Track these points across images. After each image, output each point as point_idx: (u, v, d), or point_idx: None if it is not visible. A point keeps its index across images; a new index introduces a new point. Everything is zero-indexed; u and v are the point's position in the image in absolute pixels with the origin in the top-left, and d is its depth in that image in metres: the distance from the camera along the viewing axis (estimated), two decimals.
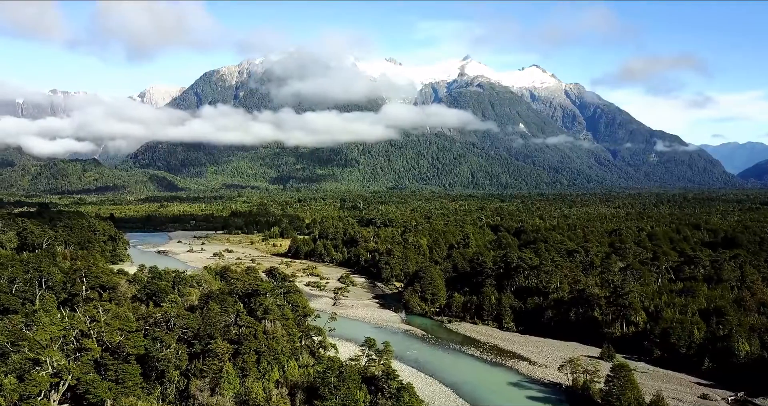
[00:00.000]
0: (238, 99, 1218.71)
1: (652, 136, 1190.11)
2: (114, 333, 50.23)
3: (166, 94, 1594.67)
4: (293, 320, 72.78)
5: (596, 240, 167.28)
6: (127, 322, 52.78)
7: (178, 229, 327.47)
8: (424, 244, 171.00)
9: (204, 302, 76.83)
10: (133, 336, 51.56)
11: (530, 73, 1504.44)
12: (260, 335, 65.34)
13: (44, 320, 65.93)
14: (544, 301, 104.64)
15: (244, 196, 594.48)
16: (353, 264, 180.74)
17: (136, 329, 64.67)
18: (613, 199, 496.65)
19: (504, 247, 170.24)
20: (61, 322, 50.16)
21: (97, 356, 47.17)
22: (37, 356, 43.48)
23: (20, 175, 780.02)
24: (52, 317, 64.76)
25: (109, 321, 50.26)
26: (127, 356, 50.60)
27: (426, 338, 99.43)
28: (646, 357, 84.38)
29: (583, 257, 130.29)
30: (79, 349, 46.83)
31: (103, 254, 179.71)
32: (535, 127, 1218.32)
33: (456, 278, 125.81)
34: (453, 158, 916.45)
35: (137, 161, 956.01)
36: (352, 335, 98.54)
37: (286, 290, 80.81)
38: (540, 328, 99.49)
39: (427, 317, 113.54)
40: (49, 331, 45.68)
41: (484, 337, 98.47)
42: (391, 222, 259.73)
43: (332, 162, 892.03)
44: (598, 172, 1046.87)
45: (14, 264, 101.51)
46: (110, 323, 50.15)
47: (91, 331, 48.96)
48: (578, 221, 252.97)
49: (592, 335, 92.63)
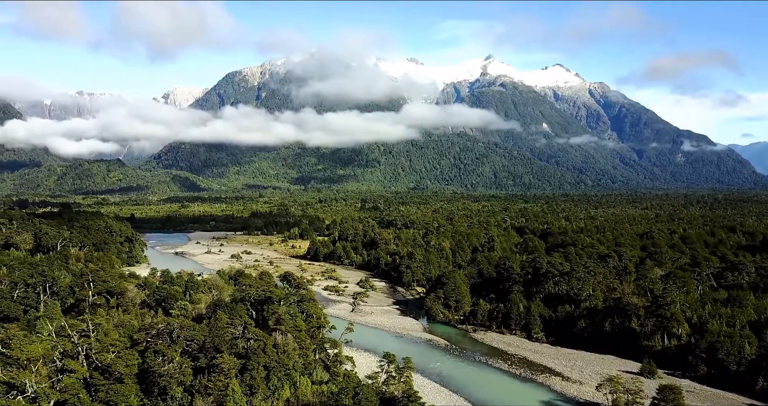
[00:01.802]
0: (260, 100, 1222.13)
1: (679, 136, 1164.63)
2: (106, 350, 45.19)
3: (190, 95, 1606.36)
4: (306, 332, 67.33)
5: (627, 244, 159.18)
6: (120, 339, 47.74)
7: (197, 229, 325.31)
8: (446, 247, 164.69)
9: (212, 310, 71.93)
10: (126, 354, 46.52)
11: (554, 73, 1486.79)
12: (270, 348, 60.05)
13: (44, 330, 61.57)
14: (576, 310, 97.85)
15: (265, 197, 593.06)
16: (373, 267, 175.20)
17: (134, 342, 59.92)
18: (640, 200, 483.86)
19: (530, 250, 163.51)
20: (48, 336, 45.29)
21: (82, 377, 42.11)
22: (11, 380, 38.59)
23: (46, 176, 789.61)
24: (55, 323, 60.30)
25: (100, 337, 45.20)
26: (121, 377, 45.61)
27: (450, 348, 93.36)
28: (690, 374, 77.32)
29: (617, 262, 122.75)
30: (62, 369, 41.87)
31: (119, 255, 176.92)
32: (558, 126, 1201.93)
33: (481, 284, 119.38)
34: (475, 158, 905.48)
35: (160, 162, 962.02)
36: (371, 344, 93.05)
37: (300, 298, 75.48)
38: (572, 339, 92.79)
39: (450, 325, 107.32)
40: (27, 351, 40.68)
41: (512, 348, 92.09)
42: (412, 224, 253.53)
43: (353, 162, 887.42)
44: (623, 173, 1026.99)
45: (22, 267, 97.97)
46: (101, 340, 45.12)
47: (78, 348, 43.94)
48: (606, 223, 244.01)
49: (630, 347, 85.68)
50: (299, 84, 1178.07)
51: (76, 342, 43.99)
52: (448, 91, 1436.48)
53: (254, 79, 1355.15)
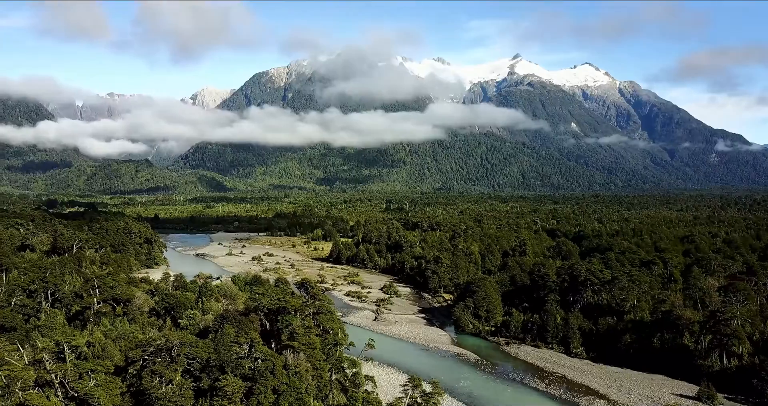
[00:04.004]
0: (286, 100, 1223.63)
1: (713, 135, 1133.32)
2: (85, 378, 38.84)
3: (217, 96, 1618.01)
4: (321, 350, 60.40)
5: (670, 248, 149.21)
6: (103, 363, 41.35)
7: (220, 230, 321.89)
8: (475, 251, 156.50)
9: (219, 323, 65.50)
10: (109, 384, 40.09)
11: (582, 72, 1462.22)
12: (279, 370, 53.27)
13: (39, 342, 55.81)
14: (620, 322, 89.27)
15: (290, 197, 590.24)
16: (397, 271, 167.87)
17: (129, 360, 53.76)
18: (674, 201, 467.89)
19: (564, 254, 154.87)
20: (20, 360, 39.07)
21: None
22: None
23: (76, 176, 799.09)
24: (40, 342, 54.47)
25: (78, 362, 38.88)
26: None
27: (480, 364, 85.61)
28: (755, 399, 68.37)
29: (661, 269, 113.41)
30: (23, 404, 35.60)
31: (138, 257, 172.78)
32: (587, 126, 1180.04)
33: (513, 292, 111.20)
34: (502, 158, 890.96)
35: (188, 162, 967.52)
36: (395, 358, 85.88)
37: (316, 310, 68.63)
38: (615, 355, 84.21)
39: (480, 337, 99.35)
40: None
41: (550, 365, 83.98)
42: (438, 226, 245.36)
43: (378, 163, 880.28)
44: (654, 173, 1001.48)
45: (31, 270, 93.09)
46: (80, 365, 38.78)
47: (51, 375, 37.66)
48: (642, 226, 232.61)
49: (682, 367, 76.95)
50: (324, 84, 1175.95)
51: (48, 369, 37.74)
52: (475, 90, 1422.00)
53: (281, 79, 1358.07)
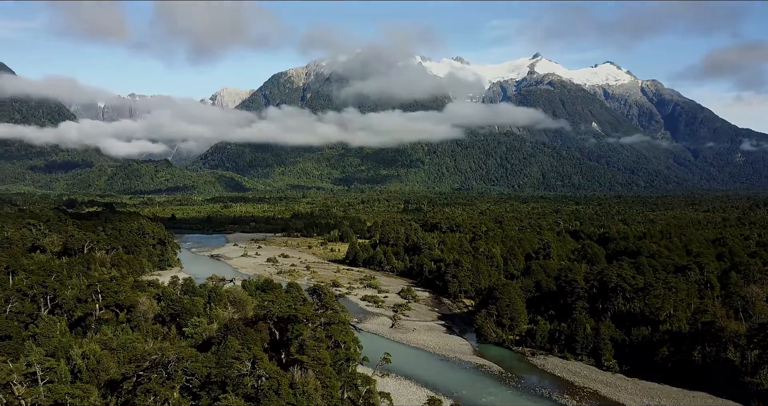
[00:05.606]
0: (304, 100, 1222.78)
1: (738, 135, 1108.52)
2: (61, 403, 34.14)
3: (237, 96, 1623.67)
4: (332, 366, 55.27)
5: (703, 252, 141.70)
6: (84, 386, 36.64)
7: (237, 231, 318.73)
8: (497, 254, 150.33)
9: (222, 335, 60.72)
10: None
11: (603, 71, 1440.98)
12: (285, 389, 48.27)
13: None
14: (655, 333, 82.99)
15: (308, 197, 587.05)
16: (416, 275, 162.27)
17: (122, 377, 49.15)
18: (699, 201, 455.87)
19: (590, 258, 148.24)
20: None
21: None
22: None
23: (97, 176, 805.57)
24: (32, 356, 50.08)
25: (53, 386, 34.21)
26: None
27: (504, 376, 79.89)
28: None
29: (698, 275, 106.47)
30: None
31: (150, 258, 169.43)
32: (608, 126, 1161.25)
33: (538, 299, 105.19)
34: (522, 158, 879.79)
35: (207, 162, 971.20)
36: (413, 370, 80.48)
37: (328, 320, 63.55)
38: (651, 369, 77.99)
39: (504, 347, 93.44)
40: None
41: (580, 379, 77.97)
42: (458, 227, 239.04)
43: (396, 163, 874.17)
44: (677, 173, 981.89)
45: (38, 273, 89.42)
46: (55, 389, 34.13)
47: (21, 401, 33.01)
48: (670, 228, 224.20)
49: (727, 384, 70.51)
50: (342, 84, 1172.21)
51: (18, 395, 33.12)
52: (494, 90, 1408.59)
53: (300, 80, 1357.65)
